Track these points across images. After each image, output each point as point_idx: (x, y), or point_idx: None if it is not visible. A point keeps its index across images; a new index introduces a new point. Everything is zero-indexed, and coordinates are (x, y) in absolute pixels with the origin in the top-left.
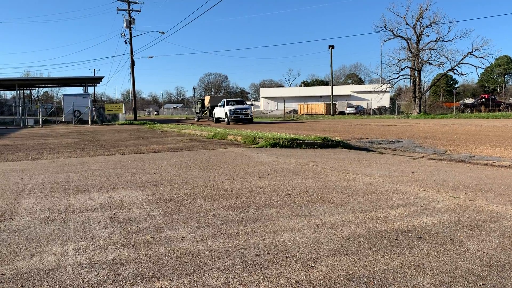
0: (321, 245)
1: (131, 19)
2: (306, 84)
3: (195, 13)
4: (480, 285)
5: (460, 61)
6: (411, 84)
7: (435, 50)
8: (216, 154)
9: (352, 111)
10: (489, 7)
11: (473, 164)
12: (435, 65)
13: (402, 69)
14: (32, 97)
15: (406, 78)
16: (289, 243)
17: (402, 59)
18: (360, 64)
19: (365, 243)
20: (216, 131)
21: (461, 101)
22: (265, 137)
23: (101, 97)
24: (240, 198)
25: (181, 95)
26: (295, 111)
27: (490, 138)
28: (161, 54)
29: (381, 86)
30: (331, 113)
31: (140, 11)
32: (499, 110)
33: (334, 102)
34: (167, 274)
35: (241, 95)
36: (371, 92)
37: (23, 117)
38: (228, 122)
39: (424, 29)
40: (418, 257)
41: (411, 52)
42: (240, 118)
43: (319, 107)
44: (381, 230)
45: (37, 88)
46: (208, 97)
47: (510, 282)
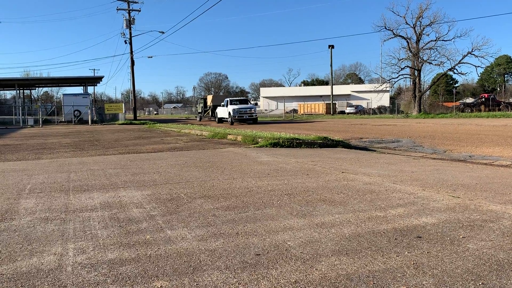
0: (321, 245)
1: (131, 19)
2: (306, 83)
3: (195, 13)
4: (479, 284)
5: (460, 61)
6: (411, 83)
7: (435, 50)
8: (216, 154)
9: (352, 111)
10: (489, 7)
11: (473, 163)
12: (435, 65)
13: (402, 69)
14: (32, 97)
15: (406, 77)
16: (288, 243)
17: (402, 59)
18: (360, 64)
19: (365, 243)
20: (216, 130)
21: (461, 101)
22: (265, 136)
23: (101, 97)
24: (240, 198)
25: (181, 95)
26: (295, 111)
27: (490, 138)
28: (161, 53)
29: (381, 85)
30: (331, 112)
31: (140, 10)
32: (499, 110)
33: (334, 102)
34: (166, 274)
35: (241, 94)
36: (371, 91)
37: (23, 117)
38: (232, 122)
39: (424, 28)
40: (417, 257)
41: (411, 52)
42: (244, 118)
43: (319, 107)
44: (381, 230)
45: (37, 88)
46: (211, 97)
47: (509, 281)
